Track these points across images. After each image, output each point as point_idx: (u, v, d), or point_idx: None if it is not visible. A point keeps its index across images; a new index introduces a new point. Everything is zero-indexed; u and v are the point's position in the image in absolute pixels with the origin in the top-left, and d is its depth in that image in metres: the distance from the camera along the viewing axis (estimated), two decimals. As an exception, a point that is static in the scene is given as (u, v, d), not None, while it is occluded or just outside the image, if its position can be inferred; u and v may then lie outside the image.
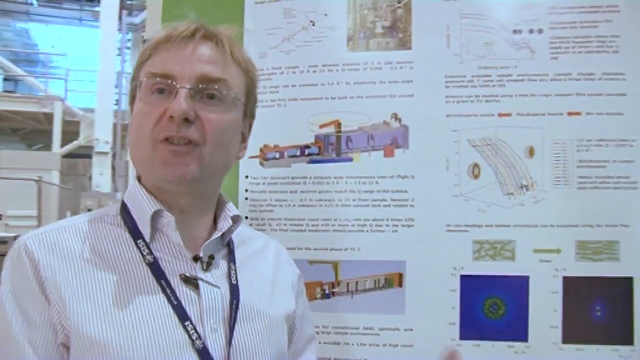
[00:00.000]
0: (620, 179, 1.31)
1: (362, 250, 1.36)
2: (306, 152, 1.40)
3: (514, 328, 1.32)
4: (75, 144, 11.17)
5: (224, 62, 0.88)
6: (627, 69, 1.32)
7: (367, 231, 1.37)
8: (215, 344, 0.83)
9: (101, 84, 10.74)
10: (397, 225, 1.36)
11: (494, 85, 1.35)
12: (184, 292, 0.84)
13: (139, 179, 0.91)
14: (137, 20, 13.08)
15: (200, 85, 0.85)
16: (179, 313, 0.82)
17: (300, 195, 1.40)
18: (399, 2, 1.40)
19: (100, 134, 10.59)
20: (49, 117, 11.57)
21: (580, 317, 1.30)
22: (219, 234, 0.91)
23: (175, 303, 0.82)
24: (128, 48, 13.43)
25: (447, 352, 0.96)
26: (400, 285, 1.35)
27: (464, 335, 1.33)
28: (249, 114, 0.96)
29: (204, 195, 0.91)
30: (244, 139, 0.98)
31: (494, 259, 1.33)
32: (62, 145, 11.21)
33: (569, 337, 1.30)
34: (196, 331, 0.82)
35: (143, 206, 0.87)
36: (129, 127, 0.91)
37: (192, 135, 0.83)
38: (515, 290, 1.32)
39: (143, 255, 0.85)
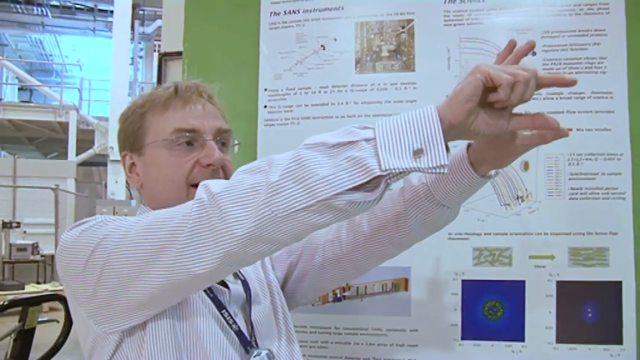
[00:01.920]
0: (609, 190, 1.40)
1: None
2: (318, 166, 1.50)
3: (512, 329, 1.41)
4: (90, 152, 11.31)
5: (222, 116, 1.06)
6: (614, 88, 1.41)
7: (375, 239, 1.47)
8: (241, 325, 0.98)
9: (115, 92, 10.86)
10: (402, 234, 1.46)
11: (491, 104, 1.44)
12: (215, 288, 0.98)
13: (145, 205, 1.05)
14: (149, 30, 13.25)
15: (218, 137, 1.02)
16: (216, 304, 0.97)
17: (313, 206, 1.50)
18: (402, 28, 1.50)
19: (114, 142, 10.66)
20: (64, 126, 11.73)
21: (573, 318, 1.39)
22: None
23: (212, 296, 0.97)
24: (140, 57, 13.59)
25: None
26: (406, 289, 1.45)
27: (465, 336, 1.42)
28: None
29: None
30: None
31: (492, 265, 1.42)
32: (78, 153, 11.36)
33: (562, 337, 1.39)
34: (231, 317, 0.96)
35: None
36: (135, 175, 1.05)
37: (221, 177, 1.00)
38: (512, 293, 1.41)
39: None
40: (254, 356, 0.95)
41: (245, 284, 1.05)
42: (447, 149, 0.72)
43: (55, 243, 10.23)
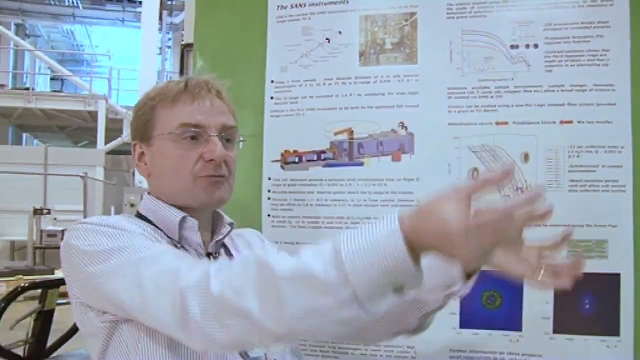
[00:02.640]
0: (609, 182, 1.40)
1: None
2: (322, 156, 1.54)
3: (509, 318, 1.42)
4: (119, 140, 11.50)
5: (230, 112, 1.11)
6: (616, 81, 1.41)
7: (377, 229, 1.50)
8: None
9: (142, 82, 10.98)
10: (403, 224, 1.48)
11: (492, 96, 1.46)
12: None
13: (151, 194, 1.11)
14: (177, 20, 13.35)
15: (223, 134, 1.07)
16: None
17: (317, 195, 1.54)
18: (406, 21, 1.52)
19: (142, 131, 10.86)
20: (93, 115, 11.94)
21: (571, 309, 1.40)
22: (221, 236, 1.12)
23: None
24: (168, 47, 13.73)
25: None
26: (406, 278, 1.48)
27: (463, 324, 1.45)
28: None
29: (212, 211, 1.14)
30: None
31: (491, 255, 1.44)
32: (106, 142, 11.56)
33: (559, 327, 1.40)
34: None
35: (168, 216, 1.05)
36: (142, 164, 1.11)
37: (224, 172, 1.06)
38: (510, 283, 1.41)
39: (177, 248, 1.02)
40: (252, 358, 1.00)
41: None
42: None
43: (85, 230, 10.44)
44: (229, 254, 1.15)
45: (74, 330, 2.45)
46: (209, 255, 1.09)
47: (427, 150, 1.48)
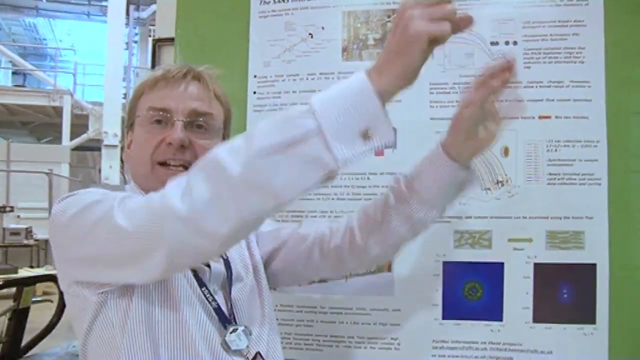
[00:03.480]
0: (586, 176, 1.45)
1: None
2: (305, 151, 1.55)
3: (491, 309, 1.46)
4: (84, 137, 11.30)
5: (209, 99, 1.08)
6: (591, 77, 1.46)
7: (360, 222, 1.52)
8: (220, 302, 1.03)
9: (109, 77, 10.81)
10: (386, 217, 1.51)
11: (473, 92, 1.49)
12: (198, 266, 1.02)
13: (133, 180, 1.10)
14: (144, 14, 13.17)
15: (191, 119, 1.04)
16: (197, 280, 1.01)
17: (300, 190, 1.55)
18: (388, 17, 1.54)
19: (108, 127, 10.68)
20: (57, 111, 11.70)
21: (549, 299, 1.45)
22: None
23: (192, 273, 1.01)
24: (135, 42, 13.54)
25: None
26: (389, 270, 1.50)
27: (446, 316, 1.48)
28: (226, 138, 1.14)
29: None
30: None
31: (473, 247, 1.48)
32: (72, 138, 11.35)
33: (539, 317, 1.44)
34: (211, 294, 1.01)
35: None
36: (128, 150, 1.10)
37: (187, 158, 1.02)
38: (491, 275, 1.46)
39: None
40: (231, 332, 1.00)
41: (227, 263, 1.09)
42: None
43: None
44: None
45: (48, 328, 2.42)
46: None
47: (410, 144, 1.50)
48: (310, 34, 1.57)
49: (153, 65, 4.14)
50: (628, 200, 1.44)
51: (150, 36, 13.85)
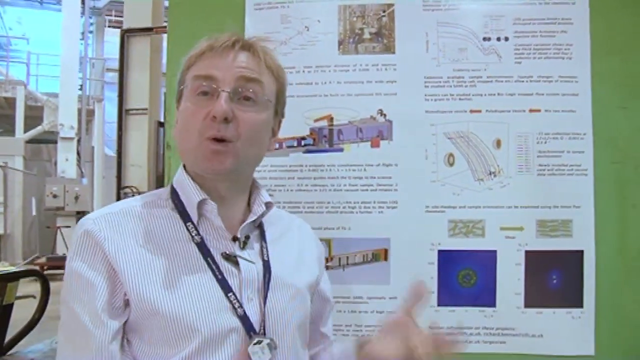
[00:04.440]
0: (573, 167, 1.52)
1: (352, 229, 1.55)
2: (302, 143, 1.57)
3: (484, 295, 1.52)
4: (39, 129, 11.01)
5: (259, 68, 1.00)
6: (578, 73, 1.53)
7: (357, 212, 1.55)
8: (252, 310, 0.96)
9: (64, 68, 10.57)
10: (382, 207, 1.55)
11: (466, 86, 1.54)
12: (226, 268, 0.97)
13: (184, 166, 1.04)
14: (100, 3, 12.89)
15: (239, 89, 0.97)
16: (223, 286, 0.95)
17: (297, 181, 1.57)
18: (383, 12, 1.58)
19: (64, 119, 10.46)
20: (10, 102, 11.37)
21: (540, 285, 1.51)
22: (254, 217, 1.03)
23: (220, 277, 0.95)
24: (91, 32, 13.22)
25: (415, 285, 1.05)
26: (385, 259, 1.54)
27: (441, 302, 1.53)
28: (279, 113, 1.08)
29: (239, 181, 1.03)
30: (274, 134, 1.10)
31: (466, 236, 1.53)
32: (26, 130, 11.04)
33: (530, 302, 1.51)
34: (237, 300, 0.95)
35: (190, 194, 1.00)
36: (176, 126, 1.03)
37: (227, 134, 0.95)
38: (484, 262, 1.52)
39: (192, 236, 0.98)
40: (254, 343, 0.94)
41: (267, 264, 1.02)
42: None
43: (4, 222, 9.97)
44: (262, 237, 1.06)
45: (31, 325, 2.37)
46: (235, 239, 1.01)
47: (405, 136, 1.55)
48: (306, 27, 1.59)
49: (122, 56, 4.10)
50: (612, 189, 1.52)
51: (106, 26, 13.59)
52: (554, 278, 1.51)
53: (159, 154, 4.34)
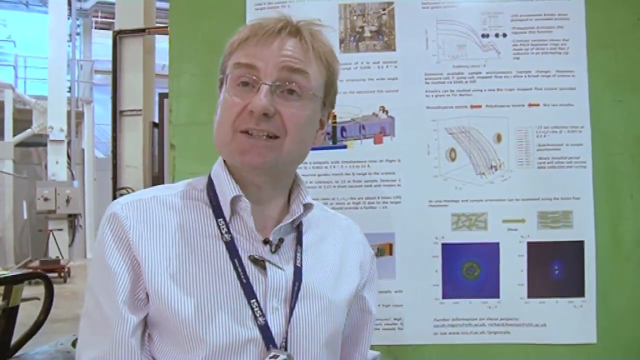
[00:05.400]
0: (572, 159, 1.55)
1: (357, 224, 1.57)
2: (306, 141, 1.59)
3: (488, 287, 1.54)
4: (28, 132, 10.94)
5: (306, 57, 0.92)
6: (575, 67, 1.56)
7: (361, 208, 1.57)
8: (275, 321, 0.91)
9: (53, 71, 10.51)
10: (386, 202, 1.57)
11: (466, 82, 1.57)
12: (252, 272, 0.92)
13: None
14: (86, 5, 12.83)
15: (282, 81, 0.90)
16: (247, 291, 0.90)
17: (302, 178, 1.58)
18: (383, 10, 1.60)
19: (54, 121, 10.41)
20: (-2, 105, 11.28)
21: (542, 275, 1.54)
22: (291, 219, 0.97)
23: (245, 281, 0.90)
24: (78, 34, 13.15)
25: None
26: (390, 253, 1.56)
27: (445, 295, 1.55)
28: (328, 105, 1.01)
29: (280, 178, 0.97)
30: (322, 126, 1.02)
31: (469, 229, 1.55)
32: (15, 133, 10.96)
33: (533, 292, 1.54)
34: (260, 309, 0.90)
35: (225, 189, 0.95)
36: (216, 114, 0.96)
37: (270, 129, 0.89)
38: (488, 255, 1.54)
39: (222, 234, 0.93)
40: (270, 357, 0.88)
41: (298, 271, 0.96)
42: None
43: (-5, 226, 9.94)
44: (299, 242, 0.99)
45: (36, 326, 2.38)
46: (267, 242, 0.95)
47: (407, 132, 1.57)
48: (307, 26, 1.61)
49: (114, 58, 4.11)
50: (610, 181, 1.55)
51: (93, 27, 13.53)
52: (555, 268, 1.54)
53: (155, 155, 4.35)
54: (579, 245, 1.54)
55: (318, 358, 0.94)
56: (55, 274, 8.91)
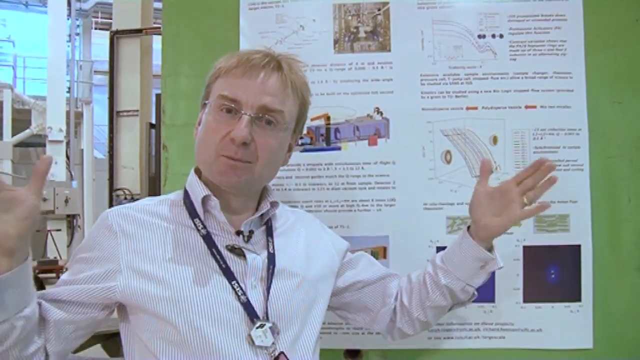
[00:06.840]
0: (569, 162, 1.53)
1: (351, 227, 1.55)
2: (300, 142, 1.57)
3: (483, 291, 1.48)
4: (27, 132, 10.90)
5: (284, 93, 1.07)
6: (573, 69, 1.54)
7: (355, 210, 1.56)
8: (255, 297, 1.05)
9: (52, 71, 10.46)
10: (380, 205, 1.55)
11: (462, 83, 1.55)
12: (230, 258, 1.06)
13: (196, 170, 1.14)
14: (86, 5, 12.80)
15: (260, 114, 1.04)
16: (227, 274, 1.04)
17: (295, 180, 1.57)
18: (378, 10, 1.58)
19: (53, 122, 10.36)
20: (-3, 106, 11.25)
21: (538, 280, 1.52)
22: (258, 214, 1.13)
23: (224, 266, 1.05)
24: (78, 34, 13.13)
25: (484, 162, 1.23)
26: (385, 257, 1.54)
27: (440, 299, 1.53)
28: (297, 132, 1.18)
29: (251, 194, 1.14)
30: (290, 149, 1.18)
31: (464, 233, 1.53)
32: (14, 134, 10.93)
33: (529, 297, 1.52)
34: (241, 288, 1.04)
35: (196, 192, 1.10)
36: (197, 128, 1.13)
37: (245, 157, 1.04)
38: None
39: (198, 230, 1.07)
40: (257, 327, 1.02)
41: (271, 256, 1.10)
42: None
43: (-7, 227, 9.89)
44: (269, 233, 1.15)
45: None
46: (239, 233, 1.09)
47: (402, 134, 1.55)
48: (301, 26, 1.59)
49: (111, 58, 4.10)
50: (608, 184, 1.53)
51: (93, 28, 13.50)
52: (552, 273, 1.52)
53: (151, 156, 4.33)
54: (575, 249, 1.52)
55: (300, 328, 1.08)
56: (54, 275, 8.87)
